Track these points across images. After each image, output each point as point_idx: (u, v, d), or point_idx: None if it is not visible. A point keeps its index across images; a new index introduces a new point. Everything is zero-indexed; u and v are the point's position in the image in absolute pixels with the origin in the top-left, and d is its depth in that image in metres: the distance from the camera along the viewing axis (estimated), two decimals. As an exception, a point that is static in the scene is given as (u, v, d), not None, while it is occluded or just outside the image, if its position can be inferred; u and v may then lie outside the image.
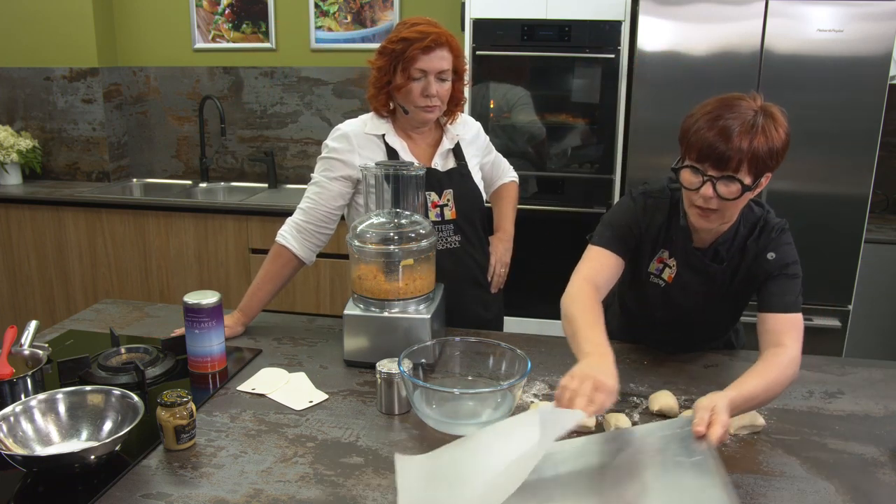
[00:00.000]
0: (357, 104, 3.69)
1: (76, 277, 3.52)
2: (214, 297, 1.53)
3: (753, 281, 1.49)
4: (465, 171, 1.85)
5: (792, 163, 2.78)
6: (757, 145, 1.30)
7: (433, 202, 1.80)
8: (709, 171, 1.33)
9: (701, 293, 1.54)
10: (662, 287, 1.57)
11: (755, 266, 1.48)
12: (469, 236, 1.85)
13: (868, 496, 1.15)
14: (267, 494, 1.13)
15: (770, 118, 1.34)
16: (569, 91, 3.13)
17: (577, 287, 1.45)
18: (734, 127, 1.30)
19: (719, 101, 1.36)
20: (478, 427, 1.30)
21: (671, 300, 1.58)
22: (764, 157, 1.31)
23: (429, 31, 1.67)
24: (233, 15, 3.73)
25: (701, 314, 1.61)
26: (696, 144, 1.33)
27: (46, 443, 1.24)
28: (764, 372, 1.29)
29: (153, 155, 4.01)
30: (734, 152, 1.29)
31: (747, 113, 1.32)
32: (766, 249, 1.46)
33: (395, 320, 1.55)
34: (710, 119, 1.32)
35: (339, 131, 1.83)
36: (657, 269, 1.57)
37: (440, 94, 1.72)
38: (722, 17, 2.77)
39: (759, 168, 1.32)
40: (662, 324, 1.65)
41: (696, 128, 1.33)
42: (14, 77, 3.81)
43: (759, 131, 1.30)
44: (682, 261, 1.53)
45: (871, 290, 2.99)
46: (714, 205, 1.35)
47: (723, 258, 1.50)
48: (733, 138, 1.29)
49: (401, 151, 1.79)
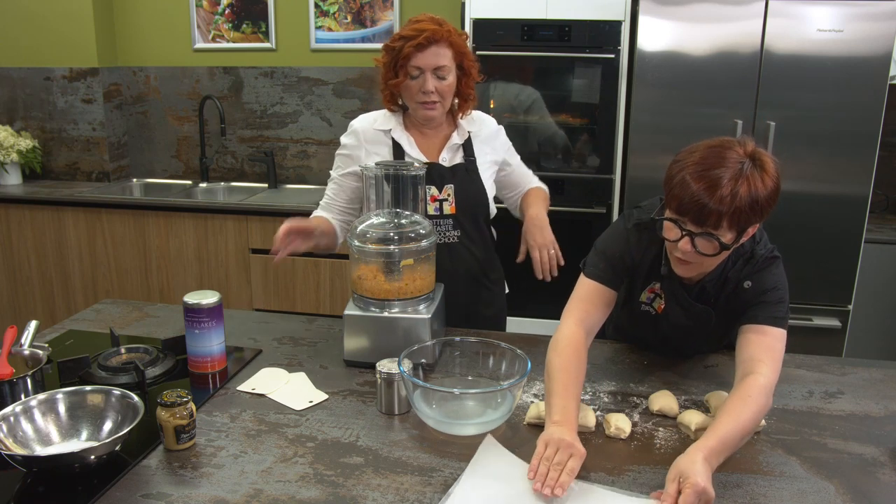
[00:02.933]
0: (357, 104, 3.69)
1: (76, 277, 3.52)
2: (214, 297, 1.53)
3: (734, 313, 1.45)
4: (471, 168, 1.85)
5: (792, 163, 2.82)
6: (739, 202, 1.23)
7: (432, 196, 1.81)
8: (688, 225, 1.28)
9: (689, 327, 1.52)
10: (653, 315, 1.55)
11: (733, 297, 1.44)
12: (469, 232, 1.85)
13: (868, 496, 1.15)
14: (267, 494, 1.13)
15: (758, 168, 1.26)
16: (569, 91, 3.13)
17: (565, 336, 1.41)
18: (717, 182, 1.23)
19: (707, 149, 1.29)
20: (477, 427, 1.31)
21: (661, 328, 1.57)
22: (746, 212, 1.24)
23: (426, 28, 1.69)
24: (233, 15, 3.73)
25: (691, 342, 1.63)
26: (677, 197, 1.27)
27: (46, 443, 1.24)
28: (738, 414, 1.23)
29: (153, 155, 4.01)
30: (714, 209, 1.24)
31: (734, 165, 1.24)
32: (746, 278, 1.42)
33: (395, 320, 1.55)
34: (694, 172, 1.26)
35: (351, 127, 1.87)
36: (648, 299, 1.55)
37: (439, 90, 1.72)
38: (722, 17, 2.77)
39: (741, 223, 1.26)
40: (654, 345, 1.67)
41: (680, 178, 1.27)
42: (14, 77, 3.81)
43: (743, 185, 1.23)
44: (669, 296, 1.50)
45: (871, 290, 2.99)
46: (692, 258, 1.32)
47: (709, 295, 1.47)
48: (714, 194, 1.23)
49: (406, 146, 1.81)
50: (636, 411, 1.42)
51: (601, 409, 1.42)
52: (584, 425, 1.32)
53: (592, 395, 1.48)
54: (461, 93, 1.80)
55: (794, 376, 1.59)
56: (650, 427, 1.35)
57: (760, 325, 1.38)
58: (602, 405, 1.44)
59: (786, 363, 1.65)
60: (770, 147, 2.78)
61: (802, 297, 2.94)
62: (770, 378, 1.30)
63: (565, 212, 3.14)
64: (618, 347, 1.73)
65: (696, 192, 1.24)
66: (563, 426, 1.22)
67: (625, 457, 1.25)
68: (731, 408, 1.25)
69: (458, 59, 1.75)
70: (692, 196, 1.24)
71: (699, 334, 1.57)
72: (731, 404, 1.26)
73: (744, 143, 1.29)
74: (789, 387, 1.54)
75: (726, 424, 1.21)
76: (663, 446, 1.29)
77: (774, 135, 2.78)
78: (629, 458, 1.25)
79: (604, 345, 1.75)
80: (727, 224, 1.25)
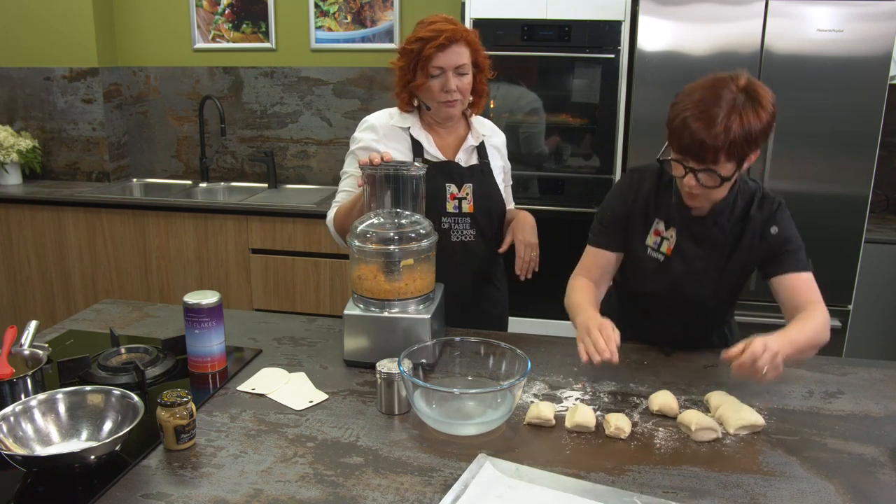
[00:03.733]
0: (357, 104, 3.70)
1: (76, 277, 3.52)
2: (214, 297, 1.53)
3: (755, 252, 1.56)
4: (486, 170, 1.89)
5: (792, 163, 2.82)
6: (733, 136, 1.34)
7: (451, 194, 1.83)
8: (690, 162, 1.40)
9: (703, 261, 1.58)
10: (661, 261, 1.61)
11: (759, 237, 1.55)
12: (484, 232, 1.88)
13: (868, 496, 1.15)
14: (267, 494, 1.13)
15: (751, 101, 1.36)
16: (569, 91, 3.13)
17: (573, 284, 1.64)
18: (713, 120, 1.34)
19: (703, 89, 1.39)
20: (477, 427, 1.31)
21: (670, 274, 1.61)
22: (741, 144, 1.35)
23: (443, 28, 1.72)
24: (233, 15, 3.73)
25: (701, 287, 1.62)
26: (678, 139, 1.39)
27: (46, 443, 1.24)
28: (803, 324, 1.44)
29: (153, 155, 4.01)
30: (710, 146, 1.35)
31: (728, 102, 1.35)
32: (770, 222, 1.53)
33: (395, 320, 1.55)
34: (692, 113, 1.36)
35: (366, 123, 1.88)
36: (655, 243, 1.62)
37: (460, 88, 1.76)
38: (722, 17, 2.77)
39: (738, 154, 1.37)
40: (661, 306, 1.67)
41: (680, 120, 1.38)
42: (14, 77, 3.81)
43: (736, 120, 1.34)
44: (682, 229, 1.58)
45: (871, 290, 2.99)
46: (698, 191, 1.44)
47: (723, 226, 1.56)
48: (710, 132, 1.34)
49: (425, 144, 1.83)
50: (636, 411, 1.42)
51: (601, 409, 1.42)
52: (584, 425, 1.32)
53: (592, 395, 1.48)
54: (476, 89, 1.84)
55: (794, 376, 1.59)
56: (650, 427, 1.35)
57: (797, 272, 1.53)
58: (602, 405, 1.44)
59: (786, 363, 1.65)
60: (770, 147, 2.79)
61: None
62: (824, 312, 1.51)
63: (565, 212, 3.14)
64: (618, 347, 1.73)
65: (694, 132, 1.35)
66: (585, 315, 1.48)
67: (625, 457, 1.25)
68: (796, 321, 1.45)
69: (474, 57, 1.79)
70: (691, 136, 1.36)
71: (709, 276, 1.60)
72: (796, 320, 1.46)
73: (737, 77, 1.39)
74: (789, 387, 1.54)
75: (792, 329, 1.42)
76: (663, 446, 1.29)
77: (774, 135, 2.78)
78: (629, 458, 1.25)
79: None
80: (725, 157, 1.36)
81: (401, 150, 1.82)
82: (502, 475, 1.17)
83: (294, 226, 3.26)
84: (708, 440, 1.30)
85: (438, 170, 1.81)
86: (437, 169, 1.80)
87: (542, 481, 1.16)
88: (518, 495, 1.13)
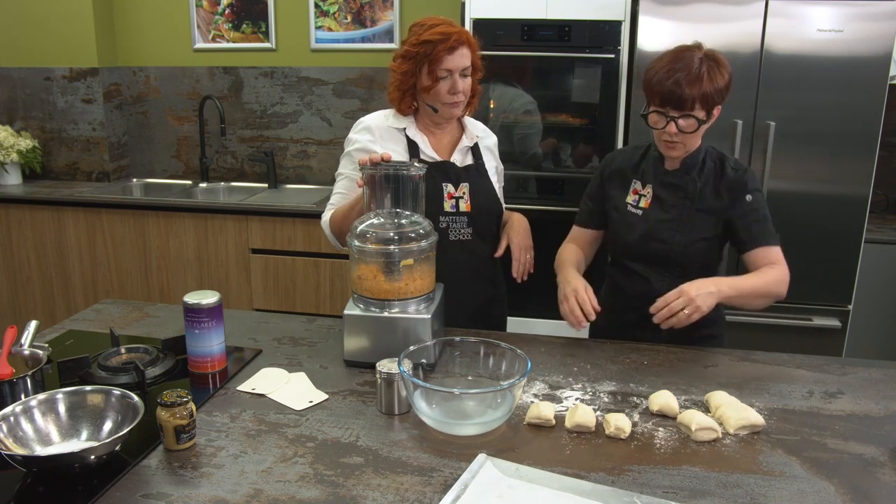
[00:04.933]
0: (357, 104, 3.70)
1: (76, 277, 3.52)
2: (214, 297, 1.53)
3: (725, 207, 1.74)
4: (481, 170, 1.91)
5: (792, 163, 2.82)
6: (706, 87, 1.61)
7: (449, 193, 1.84)
8: (670, 112, 1.65)
9: (676, 208, 1.77)
10: (640, 214, 1.80)
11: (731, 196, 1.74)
12: (482, 231, 1.89)
13: (868, 496, 1.15)
14: (267, 494, 1.13)
15: (714, 63, 1.64)
16: (569, 91, 3.13)
17: (562, 248, 1.92)
18: (686, 75, 1.61)
19: (673, 54, 1.66)
20: (477, 427, 1.31)
21: (649, 220, 1.78)
22: (712, 95, 1.62)
23: (450, 31, 1.74)
24: (233, 15, 3.73)
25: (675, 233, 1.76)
26: (658, 93, 1.64)
27: (46, 443, 1.24)
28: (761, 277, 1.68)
29: (153, 155, 4.01)
30: (688, 95, 1.61)
31: (694, 63, 1.62)
32: (743, 188, 1.73)
33: (395, 320, 1.55)
34: (667, 72, 1.63)
35: (361, 124, 1.89)
36: (634, 201, 1.83)
37: (465, 89, 1.79)
38: (722, 17, 2.77)
39: (709, 104, 1.64)
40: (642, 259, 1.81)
41: (657, 79, 1.64)
42: (14, 77, 3.81)
43: (706, 76, 1.61)
44: (656, 182, 1.80)
45: (871, 290, 2.99)
46: (678, 138, 1.67)
47: (694, 178, 1.76)
48: (686, 85, 1.60)
49: (421, 145, 1.85)
50: (636, 411, 1.42)
51: (601, 409, 1.42)
52: (584, 425, 1.32)
53: (592, 395, 1.48)
54: (472, 88, 1.85)
55: (794, 376, 1.59)
56: (650, 427, 1.35)
57: (768, 246, 1.73)
58: (602, 405, 1.44)
59: (786, 363, 1.66)
60: (770, 147, 2.78)
61: (802, 297, 2.94)
62: (784, 272, 1.70)
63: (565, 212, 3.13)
64: (617, 347, 1.73)
65: (673, 84, 1.61)
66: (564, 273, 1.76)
67: (625, 457, 1.25)
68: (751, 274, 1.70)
69: (473, 59, 1.81)
70: (670, 88, 1.62)
71: (682, 222, 1.76)
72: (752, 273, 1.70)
73: (699, 45, 1.68)
74: (789, 387, 1.54)
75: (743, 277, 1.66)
76: (663, 446, 1.29)
77: (774, 135, 2.78)
78: (629, 458, 1.25)
79: (604, 345, 1.75)
80: (699, 105, 1.63)
81: (397, 150, 1.82)
82: (502, 475, 1.17)
83: (294, 226, 3.26)
84: (708, 440, 1.30)
85: (435, 169, 1.81)
86: (434, 169, 1.81)
87: (542, 481, 1.16)
88: (518, 495, 1.13)
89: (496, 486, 1.14)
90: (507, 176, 2.24)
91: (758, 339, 2.92)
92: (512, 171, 3.08)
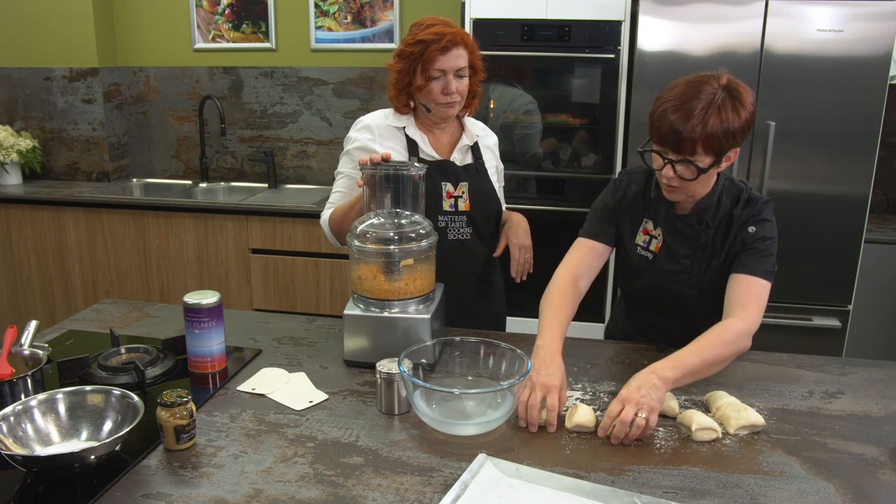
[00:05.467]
0: (357, 104, 3.70)
1: (76, 277, 3.52)
2: (214, 297, 1.53)
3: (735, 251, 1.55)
4: (481, 169, 1.90)
5: (792, 163, 2.82)
6: (710, 129, 1.37)
7: (448, 192, 1.84)
8: (669, 154, 1.43)
9: (688, 259, 1.60)
10: (650, 259, 1.63)
11: (738, 240, 1.55)
12: (481, 230, 1.89)
13: (868, 496, 1.15)
14: (267, 494, 1.13)
15: (732, 98, 1.40)
16: (569, 91, 3.13)
17: (555, 283, 1.61)
18: (691, 112, 1.37)
19: (685, 84, 1.42)
20: (477, 427, 1.31)
21: (659, 270, 1.62)
22: (719, 137, 1.38)
23: (445, 31, 1.73)
24: (233, 15, 3.73)
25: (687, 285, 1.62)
26: (658, 129, 1.42)
27: (46, 443, 1.24)
28: (702, 345, 1.40)
29: (153, 155, 4.01)
30: (688, 137, 1.38)
31: (708, 97, 1.38)
32: (749, 222, 1.53)
33: (395, 320, 1.55)
34: (672, 105, 1.40)
35: (361, 123, 1.88)
36: (644, 242, 1.65)
37: (459, 90, 1.78)
38: (722, 17, 2.77)
39: (716, 148, 1.39)
40: (652, 302, 1.69)
41: (661, 112, 1.42)
42: (14, 77, 3.81)
43: (715, 114, 1.37)
44: (667, 228, 1.60)
45: (871, 290, 2.99)
46: (676, 183, 1.46)
47: (708, 225, 1.57)
48: (688, 124, 1.37)
49: (421, 143, 1.84)
50: (636, 411, 1.41)
51: (601, 409, 1.42)
52: (584, 425, 1.32)
53: (592, 395, 1.48)
54: (470, 90, 1.84)
55: (794, 376, 1.59)
56: (650, 427, 1.35)
57: (752, 276, 1.50)
58: (602, 405, 1.44)
59: (786, 363, 1.66)
60: (770, 147, 2.78)
61: (802, 297, 2.94)
62: (750, 323, 1.45)
63: (565, 212, 3.14)
64: (618, 348, 1.73)
65: (673, 123, 1.38)
66: (541, 350, 1.43)
67: (625, 457, 1.25)
68: (699, 340, 1.41)
69: (471, 59, 1.80)
70: (669, 126, 1.39)
71: (694, 274, 1.61)
72: (701, 337, 1.42)
73: (719, 76, 1.42)
74: (789, 387, 1.54)
75: (687, 351, 1.39)
76: (663, 446, 1.29)
77: (774, 135, 2.78)
78: (629, 458, 1.25)
79: (604, 345, 1.75)
80: (702, 149, 1.39)
81: (396, 149, 1.82)
82: (502, 475, 1.17)
83: (294, 226, 3.26)
84: (708, 440, 1.30)
85: (434, 169, 1.81)
86: (433, 168, 1.81)
87: (542, 481, 1.16)
88: (518, 495, 1.13)
89: (496, 486, 1.14)
90: (507, 176, 2.24)
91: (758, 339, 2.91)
92: (512, 171, 3.08)
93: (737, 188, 1.57)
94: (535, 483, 1.16)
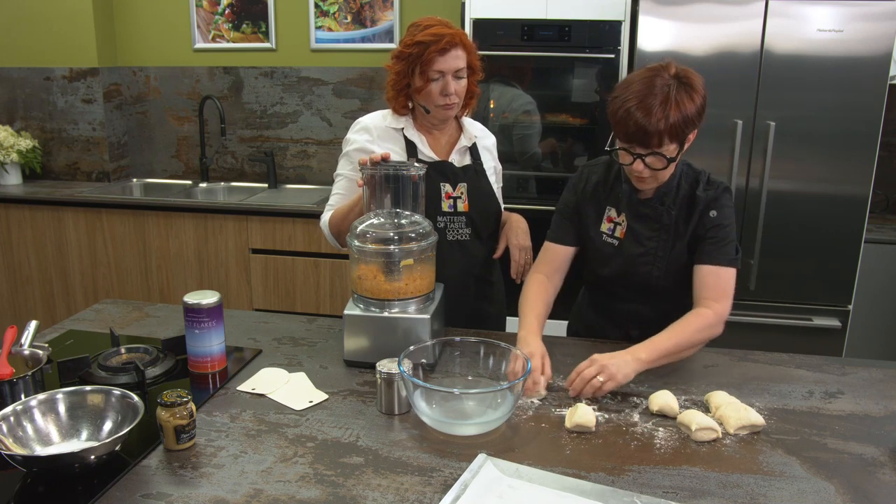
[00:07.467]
0: (357, 104, 3.70)
1: (76, 277, 3.52)
2: (214, 297, 1.53)
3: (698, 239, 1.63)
4: (479, 169, 1.90)
5: (792, 163, 2.82)
6: (673, 120, 1.46)
7: (447, 193, 1.84)
8: (636, 149, 1.51)
9: (652, 241, 1.66)
10: (616, 246, 1.69)
11: (700, 224, 1.62)
12: (480, 231, 1.88)
13: (868, 496, 1.15)
14: (267, 494, 1.14)
15: (684, 87, 1.49)
16: (568, 91, 3.13)
17: (528, 286, 1.72)
18: (651, 108, 1.46)
19: (638, 81, 1.50)
20: (477, 427, 1.31)
21: (625, 254, 1.68)
22: (681, 126, 1.47)
23: (443, 32, 1.72)
24: (233, 15, 3.73)
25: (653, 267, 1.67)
26: (623, 129, 1.50)
27: (46, 443, 1.24)
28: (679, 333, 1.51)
29: (153, 155, 4.01)
30: (654, 132, 1.46)
31: (663, 90, 1.47)
32: (710, 206, 1.61)
33: (395, 320, 1.55)
34: (634, 104, 1.47)
35: (359, 124, 1.88)
36: (609, 230, 1.71)
37: (458, 91, 1.77)
38: (722, 17, 2.77)
39: (679, 136, 1.49)
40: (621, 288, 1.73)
41: (623, 112, 1.49)
42: (14, 77, 3.81)
43: (674, 105, 1.46)
44: (630, 213, 1.67)
45: (871, 290, 2.99)
46: (647, 174, 1.54)
47: (669, 207, 1.64)
48: (651, 120, 1.45)
49: (419, 144, 1.84)
50: (636, 411, 1.42)
51: (601, 409, 1.42)
52: (584, 425, 1.32)
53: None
54: (468, 90, 1.84)
55: (794, 376, 1.59)
56: (650, 427, 1.35)
57: (716, 266, 1.59)
58: (602, 405, 1.44)
59: (786, 363, 1.66)
60: (770, 147, 2.78)
61: (802, 297, 2.94)
62: (720, 311, 1.55)
63: (565, 212, 3.14)
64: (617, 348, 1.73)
65: (638, 121, 1.46)
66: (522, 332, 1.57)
67: (625, 457, 1.25)
68: (673, 326, 1.52)
69: (469, 60, 1.79)
70: (635, 124, 1.47)
71: (660, 255, 1.66)
72: (675, 324, 1.53)
73: (668, 66, 1.52)
74: (789, 387, 1.54)
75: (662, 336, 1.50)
76: (663, 446, 1.29)
77: (774, 135, 2.78)
78: (629, 458, 1.25)
79: (604, 345, 1.75)
80: (668, 140, 1.48)
81: (395, 150, 1.82)
82: (502, 475, 1.17)
83: (294, 226, 3.26)
84: (708, 440, 1.30)
85: (433, 169, 1.81)
86: (432, 168, 1.81)
87: (542, 481, 1.16)
88: (518, 495, 1.13)
89: (496, 486, 1.14)
90: (507, 176, 2.24)
91: (758, 339, 2.92)
92: (511, 171, 3.08)
93: (695, 172, 1.66)
94: (535, 483, 1.16)
